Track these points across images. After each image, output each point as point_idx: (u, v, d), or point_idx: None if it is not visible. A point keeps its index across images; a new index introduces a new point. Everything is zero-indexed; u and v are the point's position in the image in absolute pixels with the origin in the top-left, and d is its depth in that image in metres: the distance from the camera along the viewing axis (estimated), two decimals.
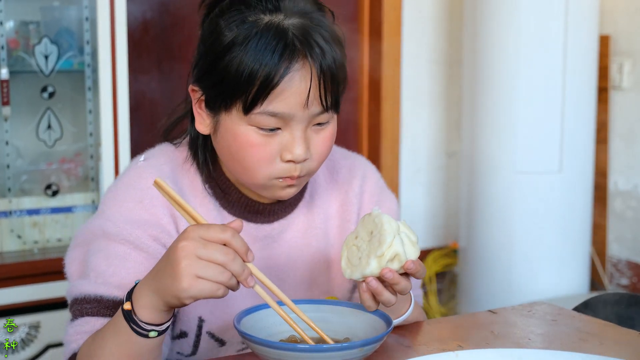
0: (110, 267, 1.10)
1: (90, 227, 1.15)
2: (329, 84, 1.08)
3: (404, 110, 3.15)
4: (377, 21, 3.07)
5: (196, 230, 0.94)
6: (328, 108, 1.10)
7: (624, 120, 2.93)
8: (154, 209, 1.13)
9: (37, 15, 2.36)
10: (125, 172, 1.20)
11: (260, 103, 1.06)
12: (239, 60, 1.05)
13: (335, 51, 1.09)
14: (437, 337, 1.19)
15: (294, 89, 1.06)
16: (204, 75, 1.11)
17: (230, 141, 1.10)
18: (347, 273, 1.06)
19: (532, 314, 1.30)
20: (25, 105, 2.37)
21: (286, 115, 1.07)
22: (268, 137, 1.09)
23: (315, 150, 1.12)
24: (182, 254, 0.92)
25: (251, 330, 1.03)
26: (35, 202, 2.34)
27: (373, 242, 1.03)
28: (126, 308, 0.99)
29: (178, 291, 0.93)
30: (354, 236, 1.07)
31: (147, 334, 0.99)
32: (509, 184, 2.74)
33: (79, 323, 1.10)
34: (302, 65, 1.06)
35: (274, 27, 1.06)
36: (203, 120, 1.14)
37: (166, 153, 1.22)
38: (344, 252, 1.07)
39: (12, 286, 2.21)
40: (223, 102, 1.09)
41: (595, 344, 1.16)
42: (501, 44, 2.71)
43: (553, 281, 2.75)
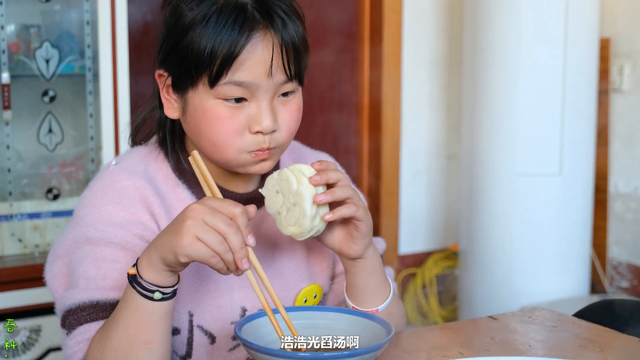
0: (101, 270, 1.10)
1: (69, 237, 1.14)
2: (291, 53, 1.11)
3: (404, 112, 3.16)
4: (377, 23, 3.08)
5: (211, 199, 0.99)
6: (292, 77, 1.12)
7: (624, 122, 2.93)
8: (133, 208, 1.14)
9: (37, 18, 2.36)
10: (97, 178, 1.20)
11: (225, 74, 1.08)
12: (201, 36, 1.08)
13: (295, 23, 1.12)
14: (438, 344, 1.20)
15: (257, 58, 1.08)
16: (168, 56, 1.13)
17: (199, 118, 1.12)
18: (302, 235, 1.08)
19: (532, 320, 1.30)
20: (26, 109, 2.37)
21: (251, 84, 1.09)
22: (235, 110, 1.11)
23: (283, 121, 1.14)
24: (190, 214, 0.97)
25: (252, 337, 1.03)
26: (36, 205, 2.34)
27: (289, 199, 1.07)
28: (131, 273, 1.02)
29: (176, 247, 0.97)
30: (274, 189, 1.09)
31: (151, 295, 1.01)
32: (509, 186, 2.74)
33: (78, 332, 1.10)
34: (263, 35, 1.09)
35: (232, 3, 1.09)
36: (171, 105, 1.16)
37: (138, 154, 1.22)
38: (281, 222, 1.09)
39: (13, 290, 2.22)
40: (189, 78, 1.11)
41: (595, 350, 1.16)
42: (501, 46, 2.72)
43: (553, 283, 2.75)
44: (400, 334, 1.21)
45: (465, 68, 2.93)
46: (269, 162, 1.17)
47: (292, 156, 1.34)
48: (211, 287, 1.19)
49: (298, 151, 1.36)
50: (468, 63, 2.89)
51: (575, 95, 2.72)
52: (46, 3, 2.32)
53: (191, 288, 1.18)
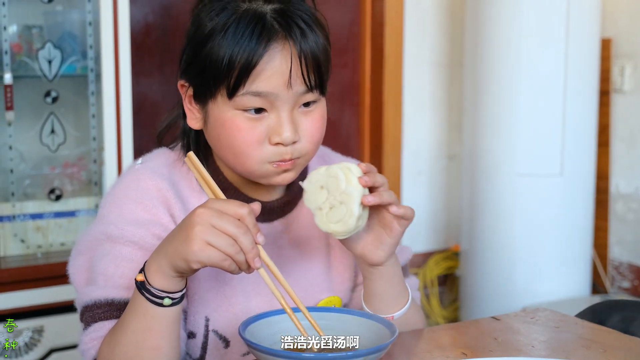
0: (119, 268, 1.11)
1: (92, 233, 1.15)
2: (310, 63, 1.09)
3: (405, 112, 3.16)
4: (378, 24, 3.08)
5: (216, 202, 0.98)
6: (312, 87, 1.11)
7: (626, 123, 2.93)
8: (154, 209, 1.14)
9: (40, 19, 2.37)
10: (123, 176, 1.21)
11: (243, 85, 1.07)
12: (219, 46, 1.07)
13: (316, 33, 1.10)
14: (441, 345, 1.20)
15: (275, 68, 1.07)
16: (188, 67, 1.13)
17: (219, 129, 1.11)
18: (346, 232, 1.07)
19: (535, 321, 1.30)
20: (29, 110, 2.37)
21: (270, 94, 1.08)
22: (255, 121, 1.10)
23: (305, 131, 1.12)
24: (197, 220, 0.96)
25: (256, 338, 1.03)
26: (38, 206, 2.35)
27: (336, 197, 1.06)
28: (139, 279, 1.01)
29: (187, 254, 0.96)
30: (319, 184, 1.07)
31: (161, 302, 1.01)
32: (510, 186, 2.75)
33: (93, 329, 1.11)
34: (281, 46, 1.07)
35: (251, 12, 1.08)
36: (194, 116, 1.16)
37: (163, 156, 1.23)
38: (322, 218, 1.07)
39: (15, 290, 2.22)
40: (208, 90, 1.10)
41: (598, 351, 1.16)
42: (502, 47, 2.72)
43: (554, 284, 2.75)
44: (403, 335, 1.21)
45: (466, 69, 2.93)
46: (292, 173, 1.15)
47: (321, 162, 1.32)
48: (228, 293, 1.19)
49: (327, 157, 1.34)
50: (469, 64, 2.89)
51: (576, 96, 2.72)
52: (48, 4, 2.33)
53: (208, 294, 1.18)
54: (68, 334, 2.26)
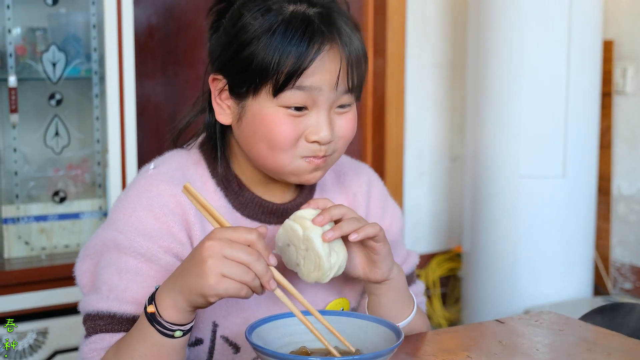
0: (123, 281, 1.11)
1: (101, 238, 1.15)
2: (356, 67, 1.13)
3: (407, 114, 3.17)
4: (381, 26, 3.08)
5: (223, 231, 0.98)
6: (352, 89, 1.14)
7: (628, 124, 2.94)
8: (164, 217, 1.14)
9: (44, 22, 2.37)
10: (135, 181, 1.20)
11: (292, 83, 1.09)
12: (267, 46, 1.09)
13: (358, 38, 1.15)
14: (445, 348, 1.20)
15: (325, 68, 1.10)
16: (228, 63, 1.13)
17: (258, 124, 1.12)
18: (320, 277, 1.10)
19: (539, 324, 1.31)
20: (33, 112, 2.38)
21: (315, 89, 1.10)
22: (295, 118, 1.11)
23: (340, 131, 1.16)
24: (208, 253, 0.96)
25: (262, 341, 1.04)
26: (42, 208, 2.35)
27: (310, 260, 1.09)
28: (150, 311, 1.01)
29: (204, 289, 0.96)
30: (285, 243, 1.10)
31: (172, 334, 1.01)
32: (512, 188, 2.75)
33: (93, 340, 1.11)
34: (331, 48, 1.10)
35: (300, 15, 1.10)
36: (223, 111, 1.17)
37: (176, 159, 1.22)
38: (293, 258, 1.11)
39: (19, 292, 2.23)
40: (251, 86, 1.11)
41: (602, 354, 1.17)
42: (505, 48, 2.73)
43: (557, 285, 2.76)
44: (408, 338, 1.22)
45: (469, 70, 2.94)
46: (321, 172, 1.18)
47: (334, 168, 1.34)
48: (239, 300, 1.19)
49: (339, 162, 1.36)
50: (472, 65, 2.90)
51: (578, 98, 2.72)
52: (52, 6, 2.33)
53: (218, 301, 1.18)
54: (72, 336, 2.27)
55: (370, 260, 1.14)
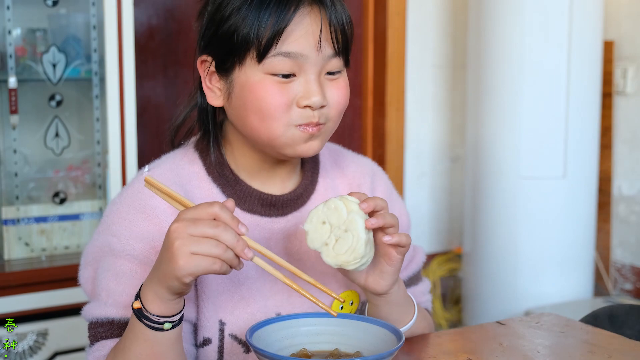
0: (120, 285, 1.11)
1: (97, 244, 1.16)
2: (338, 29, 1.13)
3: (408, 114, 3.17)
4: (381, 26, 3.08)
5: (186, 212, 0.97)
6: (339, 52, 1.13)
7: (628, 125, 2.94)
8: (156, 218, 1.14)
9: (44, 23, 2.37)
10: (130, 183, 1.20)
11: (275, 45, 1.09)
12: (247, 14, 1.09)
13: (343, 8, 1.15)
14: (446, 350, 1.20)
15: (305, 29, 1.10)
16: (212, 39, 1.14)
17: (247, 94, 1.11)
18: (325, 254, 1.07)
19: (539, 326, 1.31)
20: (33, 114, 2.38)
21: (299, 55, 1.10)
22: (284, 85, 1.10)
23: (332, 97, 1.14)
24: (174, 235, 0.95)
25: (263, 343, 1.04)
26: (42, 209, 2.35)
27: (344, 242, 1.05)
28: (136, 307, 1.01)
29: (175, 270, 0.95)
30: (320, 220, 1.07)
31: (161, 327, 1.01)
32: (513, 189, 2.75)
33: (96, 348, 1.12)
34: (311, 9, 1.10)
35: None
36: (214, 94, 1.17)
37: (170, 160, 1.23)
38: (313, 228, 1.07)
39: (20, 294, 2.22)
40: (236, 56, 1.11)
41: (603, 356, 1.17)
42: (505, 49, 2.73)
43: (557, 286, 2.76)
44: (408, 340, 1.22)
45: (469, 71, 2.94)
46: (318, 142, 1.15)
47: (335, 158, 1.33)
48: (244, 294, 1.19)
49: (339, 153, 1.35)
50: (472, 66, 2.90)
51: (579, 98, 2.72)
52: (52, 7, 2.33)
53: (222, 297, 1.18)
54: (72, 337, 2.26)
55: (379, 270, 1.12)
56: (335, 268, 1.07)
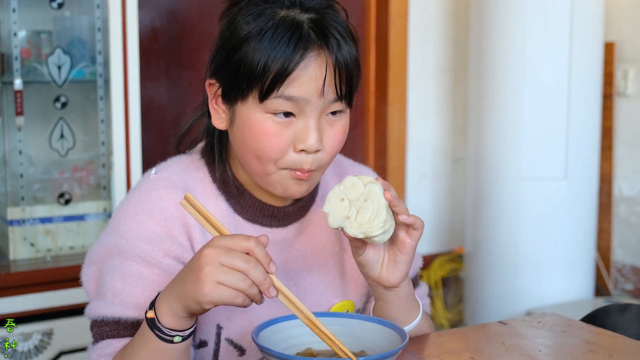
0: (127, 286, 1.12)
1: (104, 244, 1.17)
2: (344, 74, 1.12)
3: (410, 116, 3.18)
4: (383, 28, 3.10)
5: (221, 239, 0.98)
6: (342, 97, 1.13)
7: (629, 126, 2.95)
8: (164, 221, 1.15)
9: (49, 25, 2.38)
10: (137, 185, 1.21)
11: (277, 88, 1.09)
12: (256, 50, 1.09)
13: (349, 45, 1.13)
14: (449, 349, 1.22)
15: (310, 75, 1.09)
16: (220, 67, 1.14)
17: (246, 130, 1.12)
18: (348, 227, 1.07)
19: (541, 325, 1.32)
20: (39, 115, 2.39)
21: (301, 99, 1.09)
22: (282, 125, 1.11)
23: (328, 142, 1.14)
24: (205, 261, 0.96)
25: (268, 343, 1.05)
26: (48, 210, 2.36)
27: (366, 212, 1.06)
28: (149, 316, 1.02)
29: (199, 295, 0.96)
30: (338, 198, 1.07)
31: (171, 339, 1.02)
32: (514, 189, 2.76)
33: (100, 346, 1.13)
34: (317, 54, 1.09)
35: (289, 20, 1.10)
36: (219, 116, 1.17)
37: (177, 164, 1.23)
38: (331, 205, 1.08)
39: (25, 294, 2.24)
40: (239, 91, 1.11)
41: (604, 355, 1.18)
42: (506, 51, 2.74)
43: (558, 286, 2.77)
44: (411, 340, 1.23)
45: (470, 72, 2.95)
46: (306, 186, 1.17)
47: (335, 169, 1.35)
48: None
49: (340, 163, 1.37)
50: (474, 67, 2.91)
51: (580, 99, 2.73)
52: (57, 9, 2.34)
53: None
54: (77, 337, 2.28)
55: (393, 260, 1.12)
56: (362, 238, 1.06)
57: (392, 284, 1.14)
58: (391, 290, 1.15)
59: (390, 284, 1.14)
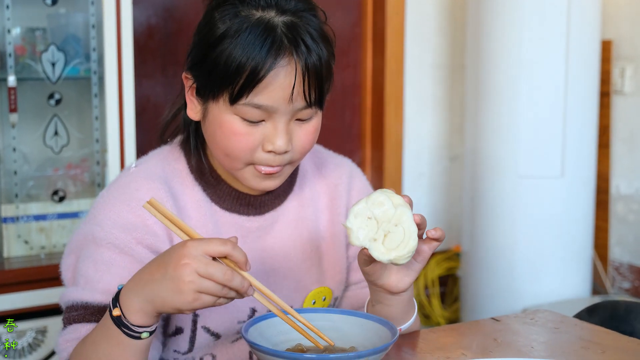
0: (98, 272, 1.14)
1: (81, 233, 1.18)
2: (313, 81, 1.11)
3: (407, 114, 3.17)
4: (380, 26, 3.09)
5: (197, 245, 0.97)
6: (312, 104, 1.13)
7: (626, 124, 2.95)
8: (140, 210, 1.16)
9: (43, 22, 2.38)
10: (117, 177, 1.23)
11: (246, 95, 1.09)
12: (229, 52, 1.09)
13: (322, 49, 1.12)
14: (441, 346, 1.21)
15: (279, 83, 1.09)
16: (196, 64, 1.15)
17: (216, 128, 1.14)
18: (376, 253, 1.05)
19: (534, 322, 1.32)
20: (32, 112, 2.39)
21: (270, 108, 1.10)
22: (251, 127, 1.12)
23: (298, 142, 1.15)
24: (184, 272, 0.96)
25: (258, 339, 1.05)
26: (42, 207, 2.36)
27: (395, 238, 1.04)
28: (115, 314, 1.02)
29: (181, 305, 0.98)
30: (365, 215, 1.05)
31: (139, 335, 1.02)
32: (511, 188, 2.76)
33: (68, 331, 1.14)
34: (288, 62, 1.09)
35: (264, 23, 1.09)
36: (194, 107, 1.18)
37: (157, 155, 1.26)
38: (354, 222, 1.05)
39: (19, 291, 2.24)
40: (211, 91, 1.12)
41: (597, 352, 1.17)
42: (504, 49, 2.73)
43: (555, 284, 2.76)
44: (403, 336, 1.23)
45: (467, 71, 2.95)
46: (277, 181, 1.18)
47: (314, 160, 1.36)
48: None
49: (319, 154, 1.37)
50: (471, 66, 2.90)
51: (577, 97, 2.73)
52: (52, 6, 2.34)
53: None
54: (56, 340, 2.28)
55: (406, 267, 1.12)
56: (386, 263, 1.05)
57: (400, 289, 1.13)
58: (395, 294, 1.15)
59: (398, 290, 1.13)
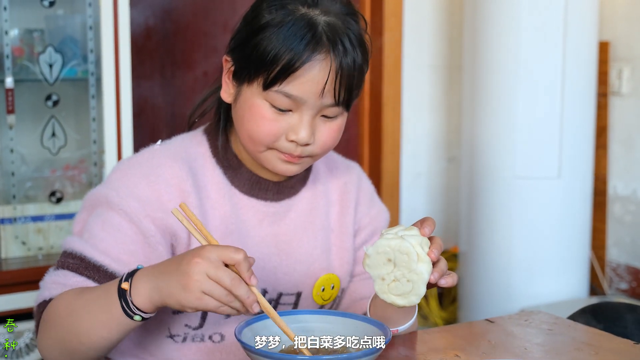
0: (103, 232, 1.18)
1: (96, 193, 1.23)
2: (344, 81, 1.16)
3: (404, 115, 3.18)
4: (377, 26, 3.09)
5: (212, 249, 1.02)
6: (339, 103, 1.18)
7: (623, 125, 2.95)
8: (157, 185, 1.20)
9: (41, 23, 2.38)
10: (140, 152, 1.27)
11: (279, 83, 1.14)
12: (269, 40, 1.14)
13: (357, 54, 1.17)
14: (435, 347, 1.21)
15: (312, 76, 1.14)
16: (237, 47, 1.20)
17: (245, 111, 1.19)
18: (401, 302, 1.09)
19: (528, 323, 1.32)
20: (30, 113, 2.39)
21: (299, 99, 1.15)
22: (279, 115, 1.17)
23: (320, 138, 1.20)
24: (195, 269, 1.00)
25: (251, 341, 1.05)
26: (39, 208, 2.36)
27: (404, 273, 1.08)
28: (124, 287, 1.06)
29: (185, 301, 1.01)
30: (387, 256, 1.09)
31: (132, 315, 1.06)
32: (508, 189, 2.76)
33: (58, 274, 1.17)
34: (324, 57, 1.14)
35: (307, 19, 1.14)
36: (228, 89, 1.23)
37: (180, 139, 1.30)
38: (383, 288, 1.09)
39: (16, 292, 2.24)
40: (247, 74, 1.17)
41: (590, 353, 1.18)
42: (501, 50, 2.74)
43: (553, 285, 2.76)
44: (397, 337, 1.23)
45: (465, 72, 2.95)
46: (297, 167, 1.23)
47: (326, 162, 1.40)
48: None
49: (331, 157, 1.42)
50: (468, 67, 2.91)
51: (574, 98, 2.73)
52: (49, 8, 2.34)
53: None
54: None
55: None
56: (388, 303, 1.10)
57: (406, 305, 1.14)
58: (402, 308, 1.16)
59: (404, 305, 1.14)
